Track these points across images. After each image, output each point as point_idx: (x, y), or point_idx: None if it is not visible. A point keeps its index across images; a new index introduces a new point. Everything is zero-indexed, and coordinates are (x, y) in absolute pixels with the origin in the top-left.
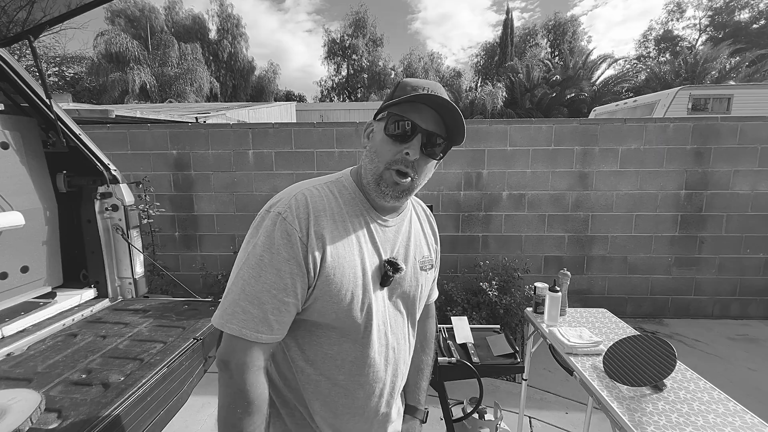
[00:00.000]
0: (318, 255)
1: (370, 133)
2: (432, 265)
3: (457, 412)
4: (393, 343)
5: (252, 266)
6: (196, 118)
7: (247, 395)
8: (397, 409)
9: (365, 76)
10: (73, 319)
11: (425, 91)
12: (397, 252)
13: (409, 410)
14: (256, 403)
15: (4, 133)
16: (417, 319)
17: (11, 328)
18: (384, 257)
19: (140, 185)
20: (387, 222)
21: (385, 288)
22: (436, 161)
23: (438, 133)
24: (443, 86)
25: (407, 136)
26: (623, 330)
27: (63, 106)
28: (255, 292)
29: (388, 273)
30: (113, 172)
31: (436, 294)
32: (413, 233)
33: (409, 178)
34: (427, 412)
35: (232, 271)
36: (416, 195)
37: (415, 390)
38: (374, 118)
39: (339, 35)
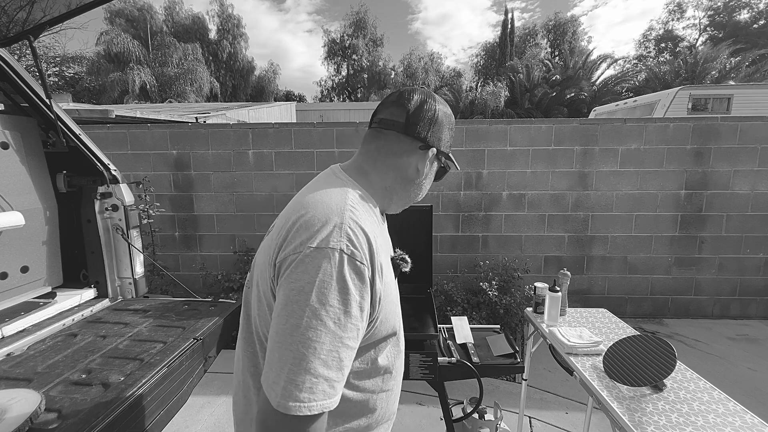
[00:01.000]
0: (379, 280)
1: (426, 171)
2: None
3: (457, 412)
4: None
5: (321, 318)
6: (196, 118)
7: None
8: None
9: (365, 76)
10: (73, 319)
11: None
12: (391, 248)
13: None
14: None
15: (4, 133)
16: None
17: (11, 328)
18: (391, 252)
19: (140, 185)
20: (383, 224)
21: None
22: None
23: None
24: (443, 86)
25: (442, 176)
26: (623, 330)
27: (63, 106)
28: (329, 351)
29: (401, 267)
30: (113, 172)
31: None
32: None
33: None
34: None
35: (280, 332)
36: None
37: None
38: (436, 156)
39: (339, 35)
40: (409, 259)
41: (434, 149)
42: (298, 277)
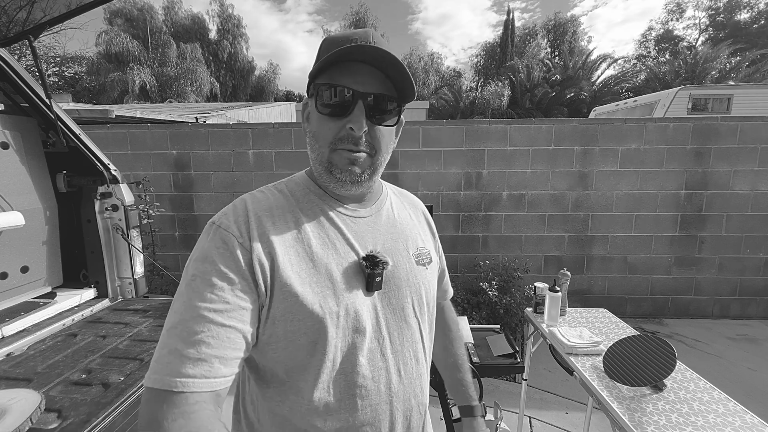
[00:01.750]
0: (266, 262)
1: (308, 115)
2: (431, 259)
3: (457, 412)
4: (398, 365)
5: (184, 295)
6: (196, 118)
7: None
8: None
9: None
10: (73, 319)
11: (354, 43)
12: (382, 246)
13: (465, 411)
14: None
15: (4, 133)
16: (430, 329)
17: (11, 328)
18: (362, 254)
19: (140, 185)
20: (357, 212)
21: (376, 294)
22: (393, 127)
23: (384, 93)
24: (444, 86)
25: (345, 106)
26: (623, 330)
27: (63, 106)
28: (188, 326)
29: (366, 272)
30: (113, 172)
31: (450, 293)
32: (399, 222)
33: (364, 154)
34: (484, 405)
35: None
36: (416, 194)
37: (461, 388)
38: (307, 95)
39: None
40: (384, 258)
41: (312, 88)
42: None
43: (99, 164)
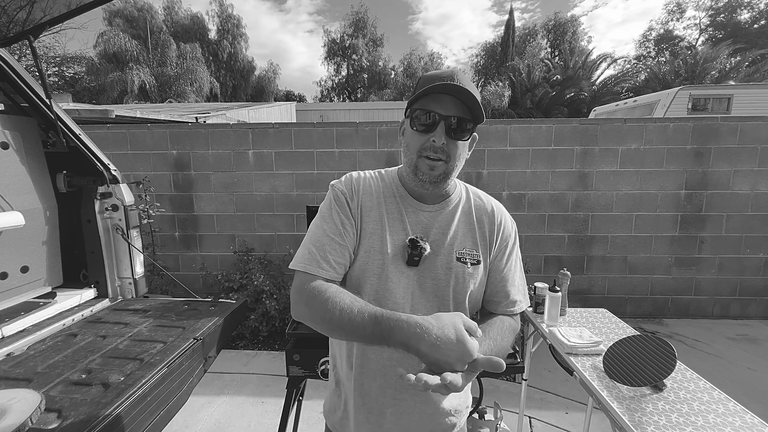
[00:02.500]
0: (358, 217)
1: (404, 130)
2: (477, 261)
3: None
4: None
5: (315, 222)
6: (196, 118)
7: (326, 301)
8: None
9: (365, 76)
10: (73, 319)
11: (442, 81)
12: (429, 236)
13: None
14: (335, 297)
15: (4, 133)
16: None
17: (11, 328)
18: (410, 236)
19: (140, 185)
20: (422, 207)
21: (412, 269)
22: (466, 142)
23: (461, 117)
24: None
25: (432, 125)
26: (623, 330)
27: (63, 106)
28: (317, 237)
29: (408, 250)
30: (113, 172)
31: (516, 303)
32: (456, 224)
33: (441, 162)
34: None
35: None
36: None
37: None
38: (405, 116)
39: (339, 35)
40: (423, 244)
41: (410, 112)
42: None
43: (99, 164)
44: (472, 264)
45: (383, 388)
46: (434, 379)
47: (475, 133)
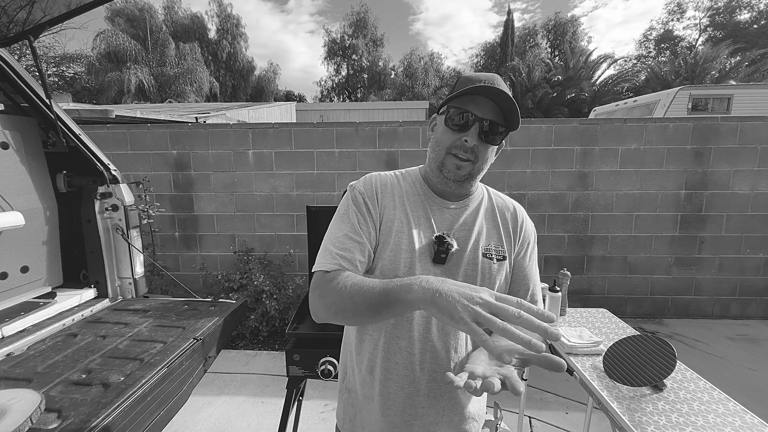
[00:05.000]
0: (378, 216)
1: (434, 126)
2: (503, 256)
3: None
4: (438, 328)
5: (334, 222)
6: (196, 118)
7: (337, 283)
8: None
9: (365, 76)
10: (73, 319)
11: (482, 83)
12: (455, 233)
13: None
14: (346, 279)
15: (4, 133)
16: None
17: (11, 328)
18: (436, 234)
19: (140, 185)
20: (447, 204)
21: (439, 267)
22: (496, 147)
23: (496, 121)
24: (444, 86)
25: (466, 125)
26: (623, 330)
27: (63, 106)
28: (335, 237)
29: (434, 247)
30: (113, 172)
31: (537, 302)
32: (480, 221)
33: (469, 162)
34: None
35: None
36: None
37: None
38: (438, 113)
39: (339, 35)
40: (449, 240)
41: (445, 109)
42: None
43: (99, 164)
44: (498, 260)
45: (411, 396)
46: (496, 381)
47: (505, 141)
